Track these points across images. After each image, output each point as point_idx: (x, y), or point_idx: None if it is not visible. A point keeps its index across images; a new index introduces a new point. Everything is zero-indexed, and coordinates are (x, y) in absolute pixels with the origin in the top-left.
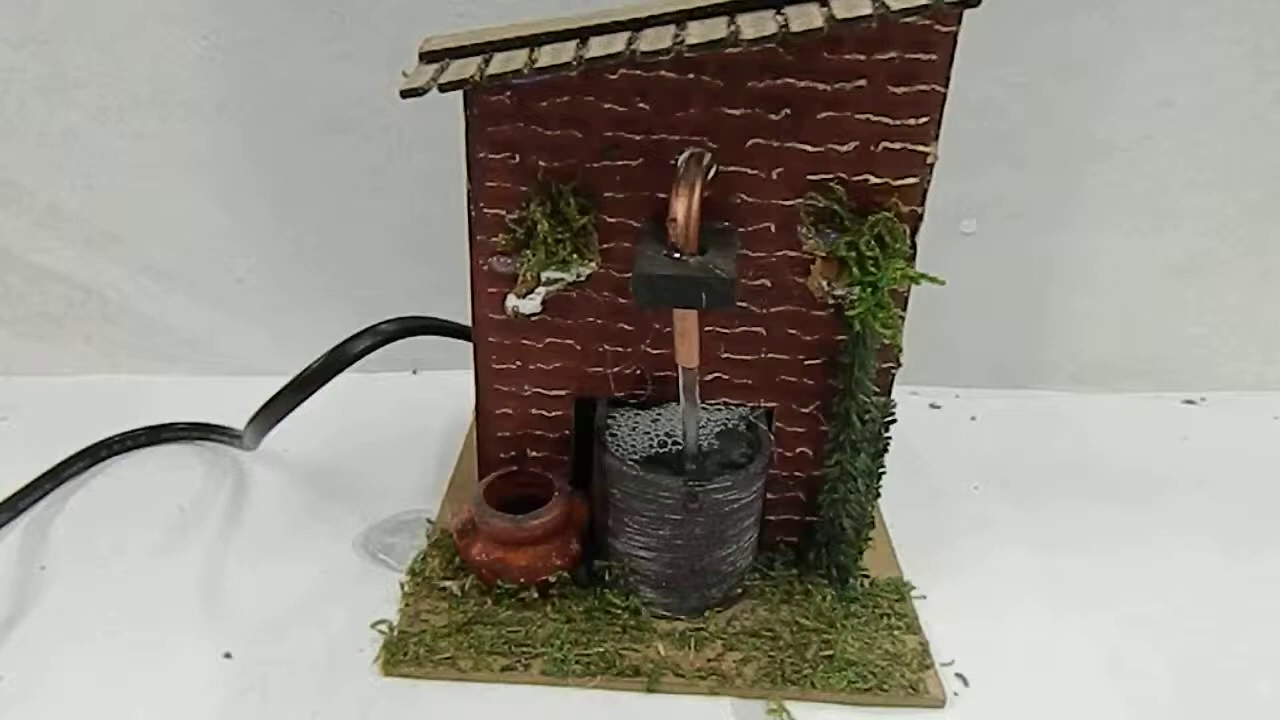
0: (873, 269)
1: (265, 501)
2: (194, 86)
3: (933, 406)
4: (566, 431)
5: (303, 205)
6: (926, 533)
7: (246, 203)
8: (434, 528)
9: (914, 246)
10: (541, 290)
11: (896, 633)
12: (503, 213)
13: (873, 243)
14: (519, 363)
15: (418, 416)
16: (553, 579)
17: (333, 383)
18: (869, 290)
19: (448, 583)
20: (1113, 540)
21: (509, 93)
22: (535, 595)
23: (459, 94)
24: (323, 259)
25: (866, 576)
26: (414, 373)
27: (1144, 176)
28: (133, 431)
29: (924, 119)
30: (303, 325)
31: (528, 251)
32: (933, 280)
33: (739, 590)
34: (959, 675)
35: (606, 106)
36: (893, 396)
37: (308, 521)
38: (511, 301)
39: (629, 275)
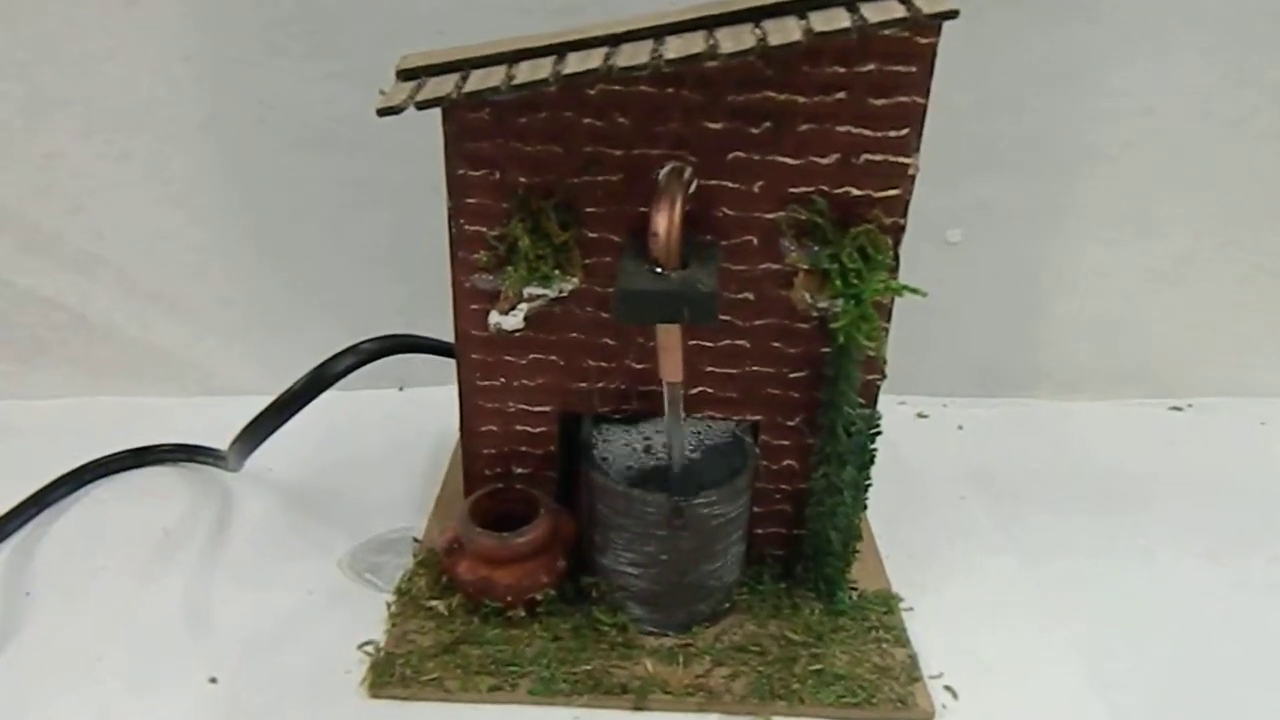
0: (855, 281)
1: (250, 522)
2: (176, 106)
3: (920, 416)
4: (552, 448)
5: (286, 224)
6: (914, 544)
7: (230, 222)
8: (420, 546)
9: (896, 258)
10: (524, 306)
11: (885, 646)
12: (484, 229)
13: (855, 255)
14: (503, 379)
15: (404, 434)
16: (539, 597)
17: (318, 401)
18: (852, 302)
19: (434, 602)
20: (1100, 548)
21: (487, 109)
22: (522, 613)
23: (438, 111)
24: (307, 277)
25: (854, 589)
26: (400, 389)
27: (1127, 184)
28: (117, 454)
29: (905, 130)
30: (288, 344)
31: (509, 268)
32: (914, 292)
33: (727, 605)
34: (948, 688)
35: (586, 122)
36: (878, 408)
37: (293, 542)
38: (494, 318)
39: (611, 290)
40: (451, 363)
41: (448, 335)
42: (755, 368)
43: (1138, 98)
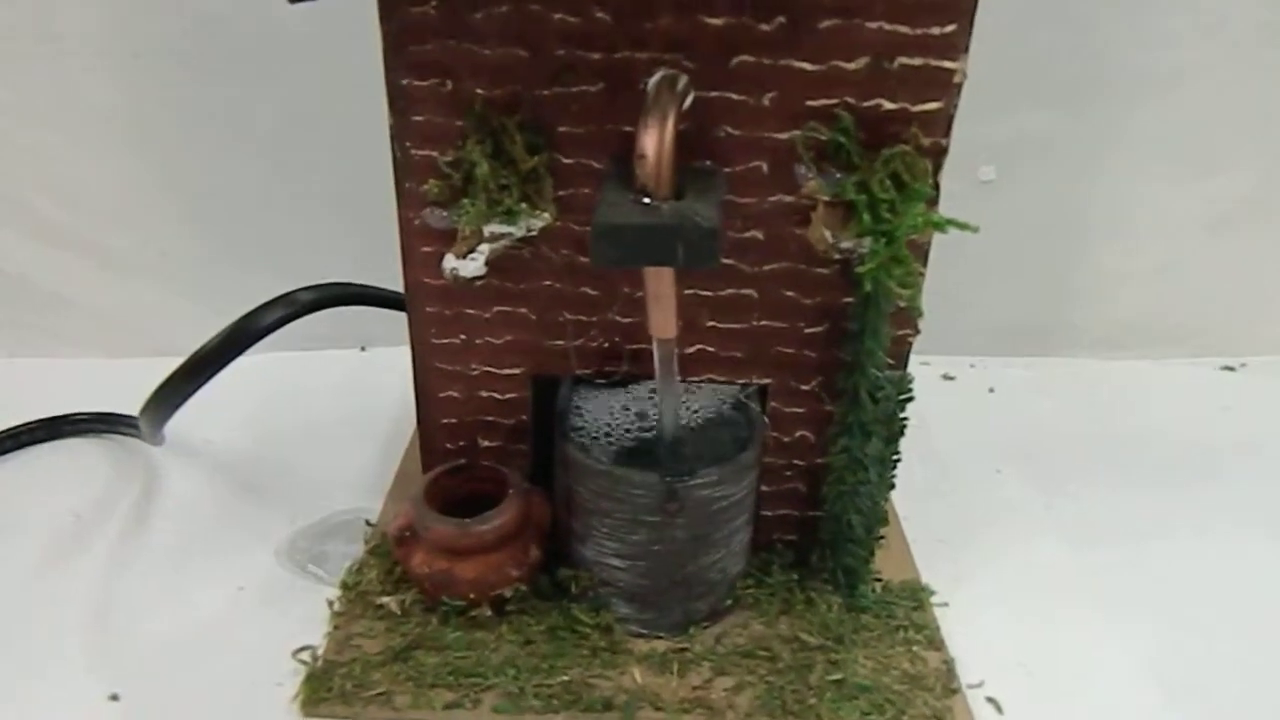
0: (887, 215)
1: (178, 504)
2: (89, 21)
3: (945, 378)
4: (523, 417)
5: (227, 157)
6: (944, 526)
7: (161, 156)
8: (374, 531)
9: (937, 187)
10: (485, 248)
11: (916, 649)
12: (434, 154)
13: (887, 183)
14: (463, 336)
15: (363, 400)
16: (508, 593)
17: (269, 362)
18: (883, 241)
19: (385, 599)
20: (1157, 528)
21: (434, 1)
22: (488, 613)
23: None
24: (254, 219)
25: (879, 581)
26: (361, 350)
27: (1188, 113)
28: (26, 425)
29: (950, 26)
30: (233, 296)
31: (466, 201)
32: (962, 226)
33: (729, 601)
34: (991, 700)
35: (557, 18)
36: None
37: (226, 527)
38: (450, 263)
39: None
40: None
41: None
42: (764, 322)
43: (1203, 11)
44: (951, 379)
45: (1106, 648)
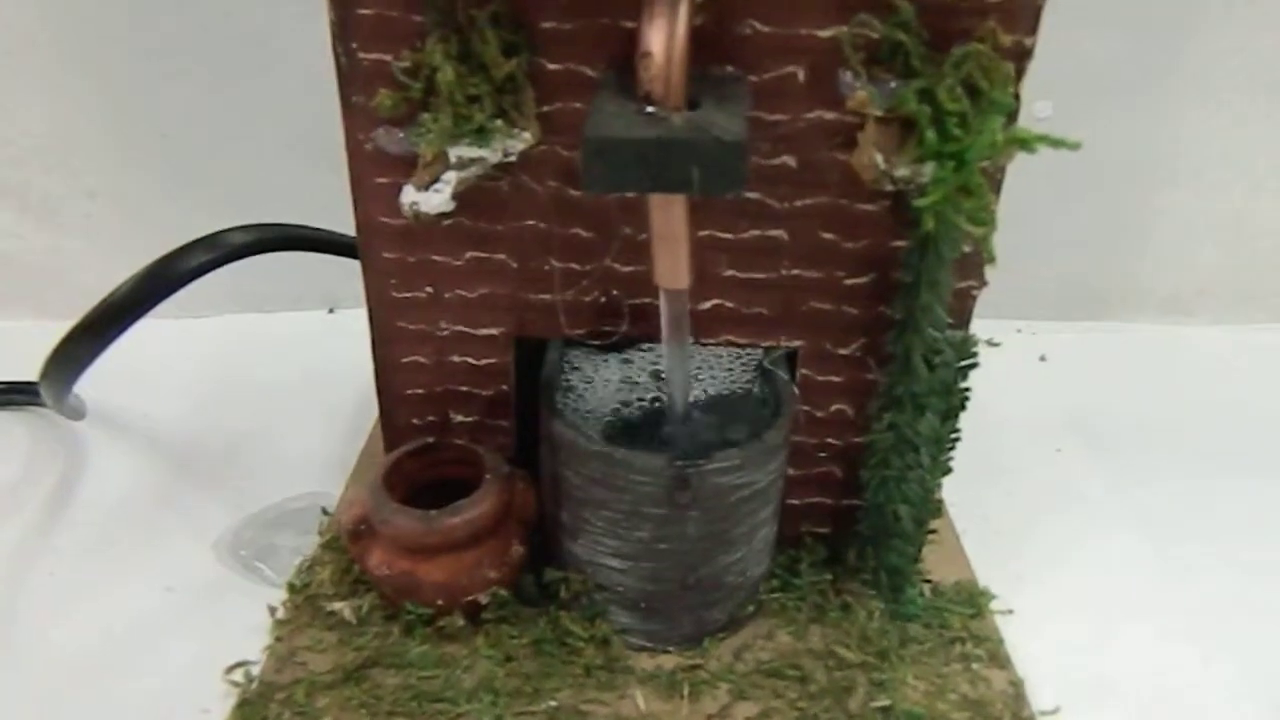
0: (958, 132)
1: (104, 489)
2: None
3: (990, 344)
4: (504, 387)
5: (167, 91)
6: (1001, 516)
7: (92, 91)
8: (330, 521)
9: (1018, 98)
10: (452, 177)
11: (976, 667)
12: (387, 57)
13: (958, 91)
14: (430, 289)
15: (328, 369)
16: (485, 599)
17: (219, 325)
18: (950, 166)
19: (338, 604)
20: (1248, 518)
21: None
22: (460, 623)
23: None
24: (199, 160)
25: (928, 582)
26: (329, 311)
27: (1271, 36)
28: None
29: None
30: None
31: (427, 117)
32: (1058, 144)
33: (750, 609)
34: None
35: None
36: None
37: (159, 516)
38: (409, 196)
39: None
40: None
41: None
42: (795, 271)
43: None
44: (997, 345)
45: (1206, 664)
